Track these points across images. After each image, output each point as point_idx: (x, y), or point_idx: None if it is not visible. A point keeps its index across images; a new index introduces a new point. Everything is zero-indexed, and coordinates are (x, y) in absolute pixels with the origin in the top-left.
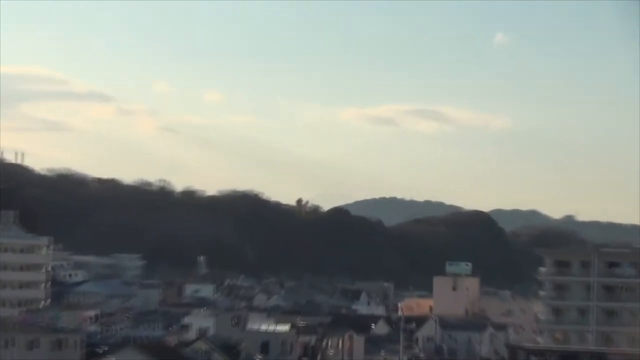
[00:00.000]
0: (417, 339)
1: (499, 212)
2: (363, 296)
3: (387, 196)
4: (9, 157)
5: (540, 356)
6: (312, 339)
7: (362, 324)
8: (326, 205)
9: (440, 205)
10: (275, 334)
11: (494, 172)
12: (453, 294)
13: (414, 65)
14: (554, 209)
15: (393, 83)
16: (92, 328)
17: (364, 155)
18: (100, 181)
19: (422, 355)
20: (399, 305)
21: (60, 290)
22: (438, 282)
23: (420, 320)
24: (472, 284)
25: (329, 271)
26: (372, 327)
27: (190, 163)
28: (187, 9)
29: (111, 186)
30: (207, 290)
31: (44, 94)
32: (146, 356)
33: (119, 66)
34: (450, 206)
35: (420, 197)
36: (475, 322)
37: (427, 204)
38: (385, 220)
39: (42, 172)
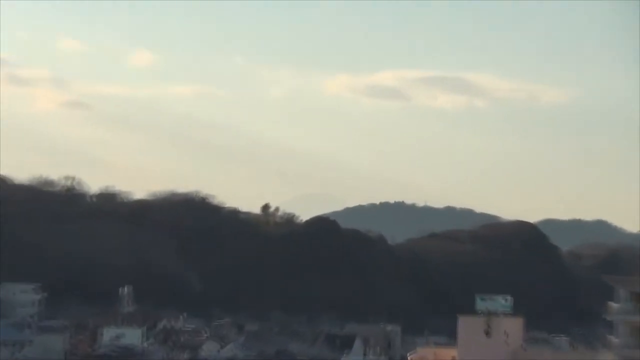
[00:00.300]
0: None
1: (551, 223)
2: (357, 344)
3: (392, 201)
4: None
5: None
6: None
7: None
8: (305, 214)
9: (467, 213)
10: None
11: (545, 166)
12: (486, 341)
13: (428, 16)
14: (629, 220)
15: (400, 40)
16: None
17: (358, 143)
18: None
19: None
20: (409, 356)
21: None
22: (465, 324)
23: None
24: (513, 327)
25: (309, 308)
26: None
27: (110, 153)
28: None
29: None
30: (133, 336)
31: None
32: None
33: (12, 18)
34: (482, 215)
35: (438, 203)
36: None
37: (449, 212)
38: (389, 234)
39: None
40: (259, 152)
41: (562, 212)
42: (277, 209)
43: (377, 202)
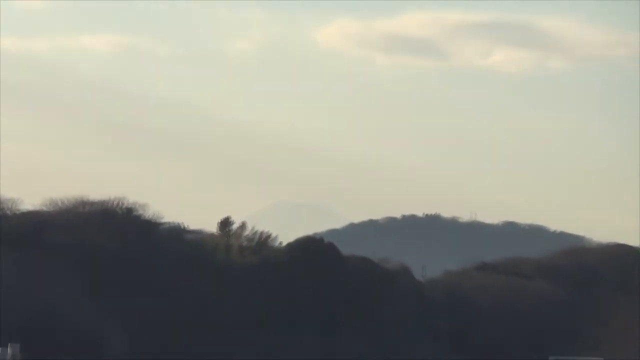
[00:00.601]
0: None
1: None
2: None
3: (421, 213)
4: None
5: None
6: None
7: None
8: (287, 233)
9: (536, 232)
10: None
11: None
12: None
13: None
14: None
15: None
16: None
17: (370, 124)
18: None
19: None
20: None
21: None
22: None
23: None
24: None
25: None
26: None
27: None
28: None
29: None
30: None
31: None
32: None
33: None
34: (559, 235)
35: (492, 217)
36: None
37: (508, 230)
38: (418, 264)
39: None
40: (216, 138)
41: None
42: (243, 226)
43: (398, 216)
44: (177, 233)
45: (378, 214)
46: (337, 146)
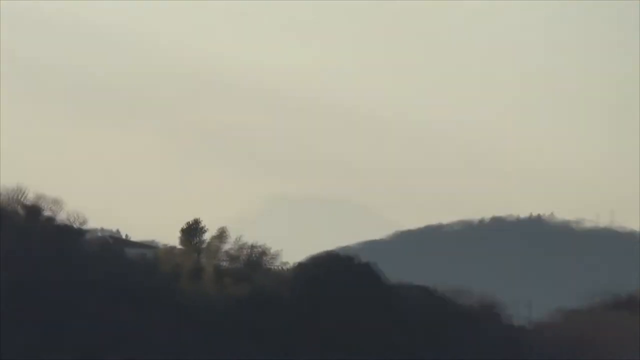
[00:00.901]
0: None
1: None
2: None
3: (515, 217)
4: None
5: None
6: None
7: None
8: (293, 247)
9: None
10: None
11: None
12: None
13: None
14: None
15: None
16: None
17: (419, 78)
18: None
19: None
20: None
21: None
22: None
23: None
24: None
25: None
26: None
27: None
28: None
29: None
30: None
31: None
32: None
33: None
34: None
35: (630, 220)
36: None
37: None
38: (507, 295)
39: None
40: (177, 91)
41: None
42: (222, 235)
43: (478, 219)
44: (113, 246)
45: (443, 216)
46: (372, 110)
